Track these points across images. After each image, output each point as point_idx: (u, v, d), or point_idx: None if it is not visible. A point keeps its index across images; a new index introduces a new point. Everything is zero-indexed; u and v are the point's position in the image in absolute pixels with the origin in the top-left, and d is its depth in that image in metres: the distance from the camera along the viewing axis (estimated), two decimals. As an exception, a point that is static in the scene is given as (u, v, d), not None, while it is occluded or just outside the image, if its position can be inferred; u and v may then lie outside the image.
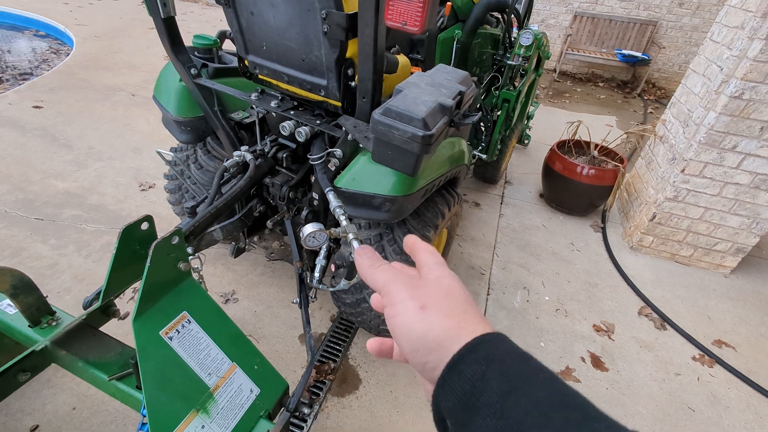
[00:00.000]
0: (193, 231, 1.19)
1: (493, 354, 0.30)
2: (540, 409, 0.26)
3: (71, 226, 2.24)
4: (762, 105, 2.02)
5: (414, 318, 0.34)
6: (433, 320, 0.33)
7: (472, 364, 0.30)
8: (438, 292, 0.36)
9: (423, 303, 0.34)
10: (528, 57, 2.34)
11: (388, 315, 0.36)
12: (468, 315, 0.34)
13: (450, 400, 0.30)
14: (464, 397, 0.29)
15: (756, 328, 2.19)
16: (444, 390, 0.31)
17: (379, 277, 0.38)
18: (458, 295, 0.36)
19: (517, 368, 0.29)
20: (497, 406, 0.27)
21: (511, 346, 0.31)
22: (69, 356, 1.13)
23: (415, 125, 0.90)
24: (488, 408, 0.28)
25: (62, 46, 5.30)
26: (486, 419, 0.28)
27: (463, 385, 0.30)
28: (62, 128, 3.15)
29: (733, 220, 2.36)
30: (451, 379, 0.31)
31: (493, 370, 0.29)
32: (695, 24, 5.84)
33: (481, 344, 0.31)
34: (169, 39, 1.40)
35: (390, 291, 0.37)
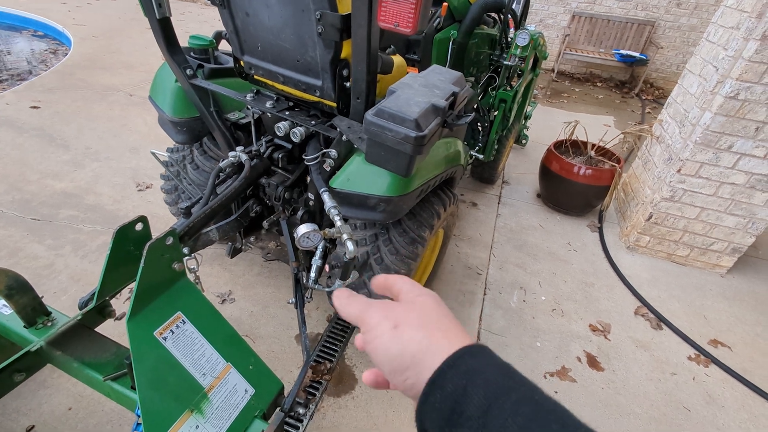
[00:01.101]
0: (188, 231, 1.19)
1: (474, 367, 0.30)
2: (520, 423, 0.27)
3: (68, 226, 2.24)
4: (757, 105, 2.03)
5: (389, 338, 0.34)
6: (406, 337, 0.33)
7: (453, 379, 0.30)
8: (411, 310, 0.36)
9: (396, 322, 0.34)
10: (524, 57, 2.34)
11: (366, 341, 0.36)
12: (444, 328, 0.34)
13: (433, 416, 0.30)
14: (447, 413, 0.29)
15: (752, 327, 2.19)
16: (426, 407, 0.31)
17: (353, 308, 0.39)
18: (432, 310, 0.36)
19: (499, 382, 0.29)
20: (479, 421, 0.28)
21: (491, 358, 0.31)
22: (64, 357, 1.13)
23: (408, 126, 0.90)
24: (470, 422, 0.28)
25: (60, 46, 5.30)
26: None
27: (444, 400, 0.30)
28: (59, 128, 3.15)
29: (729, 220, 2.37)
30: (433, 396, 0.31)
31: (474, 384, 0.29)
32: (693, 24, 5.85)
33: (461, 358, 0.31)
34: (165, 40, 1.40)
35: (364, 318, 0.37)
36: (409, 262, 1.43)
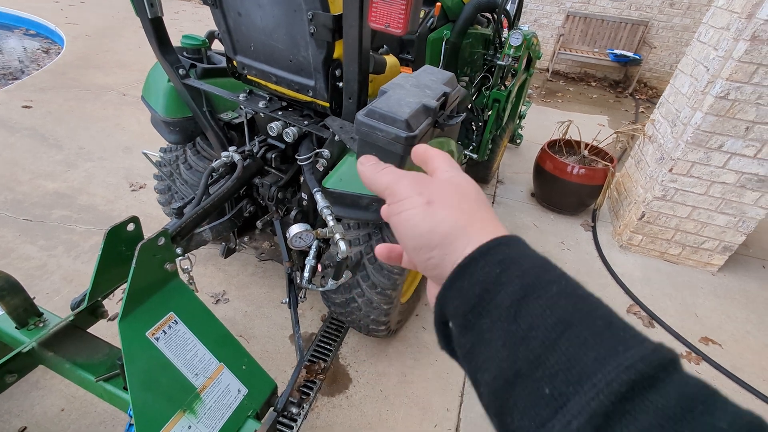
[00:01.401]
0: (181, 232, 1.19)
1: (510, 258, 0.27)
2: (559, 315, 0.24)
3: (60, 226, 2.23)
4: (747, 105, 2.05)
5: (420, 213, 0.31)
6: (440, 216, 0.30)
7: (484, 267, 0.27)
8: (448, 189, 0.32)
9: (430, 198, 0.31)
10: (518, 57, 2.36)
11: (392, 212, 0.33)
12: (481, 214, 0.31)
13: (456, 302, 0.28)
14: (473, 300, 0.27)
15: (742, 325, 2.22)
16: (451, 292, 0.28)
17: (382, 179, 0.35)
18: (470, 193, 0.33)
19: (536, 273, 0.26)
20: (510, 310, 0.25)
21: (529, 250, 0.28)
22: (56, 357, 1.13)
23: (399, 126, 0.90)
24: (500, 310, 0.25)
25: (53, 45, 5.26)
26: (496, 322, 0.25)
27: (473, 287, 0.27)
28: (52, 128, 3.12)
29: (720, 219, 2.40)
30: (460, 281, 0.28)
31: (508, 274, 0.26)
32: (686, 24, 5.90)
33: (497, 247, 0.28)
34: (157, 40, 1.40)
35: (394, 190, 0.33)
36: (403, 261, 1.43)
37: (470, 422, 1.60)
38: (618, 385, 0.20)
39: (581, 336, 0.23)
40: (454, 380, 1.75)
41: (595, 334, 0.23)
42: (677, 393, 0.20)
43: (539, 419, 0.22)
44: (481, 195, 0.33)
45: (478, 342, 0.26)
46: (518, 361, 0.24)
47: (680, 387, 0.20)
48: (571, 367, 0.22)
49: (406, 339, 1.90)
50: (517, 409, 0.23)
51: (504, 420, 0.24)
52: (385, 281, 1.43)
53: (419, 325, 1.98)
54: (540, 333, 0.23)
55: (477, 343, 0.26)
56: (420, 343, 1.89)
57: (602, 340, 0.22)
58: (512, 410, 0.24)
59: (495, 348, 0.25)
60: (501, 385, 0.24)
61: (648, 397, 0.20)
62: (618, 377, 0.20)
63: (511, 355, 0.24)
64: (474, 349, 0.27)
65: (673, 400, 0.20)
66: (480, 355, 0.26)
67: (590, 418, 0.20)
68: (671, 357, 0.22)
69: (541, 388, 0.22)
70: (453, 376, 1.77)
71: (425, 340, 1.90)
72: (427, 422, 1.58)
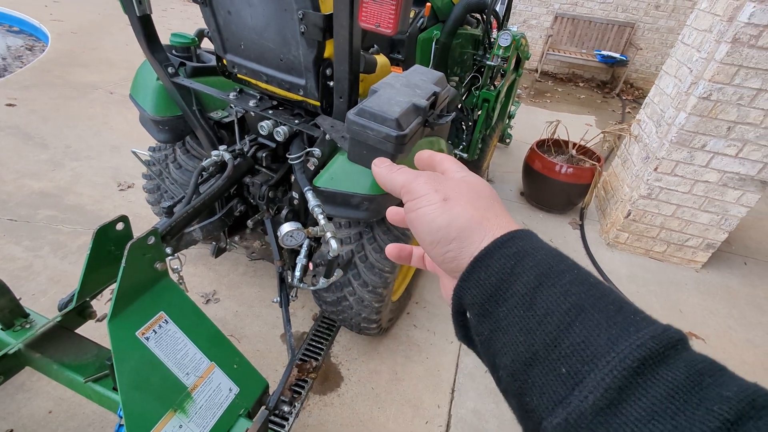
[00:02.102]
0: (170, 231, 1.19)
1: (524, 250, 0.29)
2: (573, 301, 0.25)
3: (47, 226, 2.19)
4: (728, 106, 2.10)
5: (437, 209, 0.32)
6: (457, 211, 0.32)
7: (500, 259, 0.29)
8: (462, 187, 0.34)
9: (446, 195, 0.33)
10: (507, 57, 2.38)
11: (409, 209, 0.35)
12: (494, 210, 0.33)
13: (474, 292, 0.29)
14: (491, 289, 0.28)
15: (724, 320, 2.28)
16: (468, 283, 0.30)
17: (398, 178, 0.37)
18: (484, 191, 0.35)
19: (550, 263, 0.28)
20: (527, 297, 0.27)
21: (542, 243, 0.30)
22: (44, 359, 1.12)
23: (389, 125, 0.91)
24: (516, 298, 0.27)
25: (37, 42, 5.15)
26: (513, 309, 0.27)
27: (489, 278, 0.28)
28: (37, 126, 3.07)
29: (703, 217, 2.45)
30: (477, 273, 0.29)
31: (523, 265, 0.28)
32: (671, 26, 6.01)
33: (511, 240, 0.29)
34: (145, 37, 1.38)
35: (411, 188, 0.35)
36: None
37: (461, 419, 1.62)
38: (630, 361, 0.22)
39: (594, 319, 0.24)
40: (445, 377, 1.77)
41: (607, 317, 0.24)
42: (686, 367, 0.21)
43: (557, 396, 0.23)
44: (493, 193, 0.35)
45: (496, 329, 0.28)
46: (535, 344, 0.25)
47: (689, 362, 0.22)
48: (586, 347, 0.23)
49: (398, 337, 1.91)
50: (536, 388, 0.25)
51: (523, 400, 0.26)
52: (376, 279, 1.44)
53: (410, 323, 1.99)
54: (555, 318, 0.25)
55: (495, 330, 0.28)
56: (411, 341, 1.90)
57: (614, 323, 0.24)
58: (531, 389, 0.25)
59: (512, 333, 0.26)
60: (519, 367, 0.26)
61: (658, 371, 0.21)
62: (630, 354, 0.22)
63: (528, 338, 0.26)
64: (492, 336, 0.28)
65: (682, 373, 0.21)
66: (498, 341, 0.28)
67: (605, 392, 0.22)
68: (680, 337, 0.23)
69: (558, 367, 0.24)
70: (444, 374, 1.78)
71: (416, 338, 1.92)
72: (418, 419, 1.60)
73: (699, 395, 0.20)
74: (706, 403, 0.20)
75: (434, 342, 1.91)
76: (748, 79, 2.02)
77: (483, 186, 0.35)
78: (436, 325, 2.00)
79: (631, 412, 0.21)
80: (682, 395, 0.21)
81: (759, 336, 2.20)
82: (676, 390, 0.21)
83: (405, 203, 0.36)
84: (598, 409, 0.22)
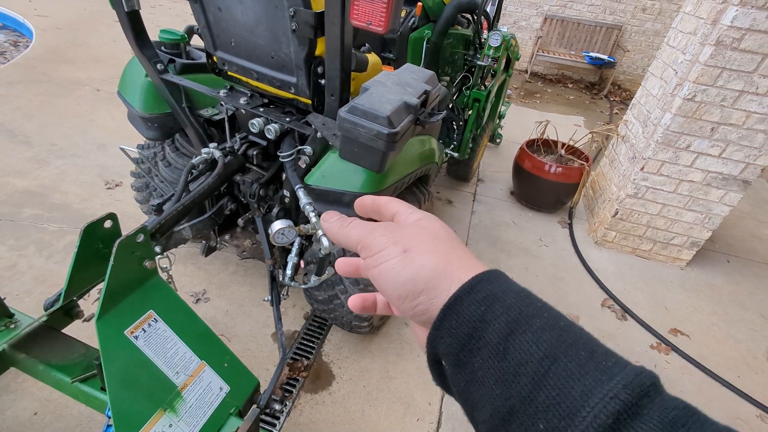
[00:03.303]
0: (160, 229, 1.18)
1: (493, 293, 0.28)
2: (545, 349, 0.25)
3: (32, 225, 2.15)
4: (712, 107, 2.15)
5: (399, 263, 0.31)
6: (420, 261, 0.31)
7: (470, 306, 0.28)
8: (420, 234, 0.33)
9: (406, 247, 0.32)
10: (497, 58, 2.40)
11: (369, 266, 0.33)
12: (457, 252, 0.32)
13: (447, 341, 0.29)
14: (463, 339, 0.28)
15: (708, 317, 2.33)
16: (441, 332, 0.29)
17: (353, 233, 0.35)
18: (441, 233, 0.34)
19: (520, 308, 0.27)
20: (499, 347, 0.26)
21: (510, 284, 0.29)
22: (29, 359, 1.10)
23: (380, 123, 0.92)
24: (489, 348, 0.27)
25: (21, 38, 5.05)
26: (487, 360, 0.27)
27: (461, 327, 0.28)
28: (21, 123, 3.01)
29: (688, 216, 2.51)
30: (448, 322, 0.29)
31: (493, 311, 0.27)
32: (657, 29, 6.12)
33: (479, 284, 0.29)
34: (134, 33, 1.37)
35: (368, 243, 0.33)
36: (385, 257, 1.45)
37: (452, 415, 1.64)
38: (605, 417, 0.22)
39: (567, 369, 0.24)
40: (436, 375, 1.78)
41: (579, 365, 0.24)
42: (660, 419, 0.22)
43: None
44: (451, 233, 0.34)
45: (472, 380, 0.27)
46: (512, 398, 0.25)
47: (662, 412, 0.22)
48: (561, 401, 0.24)
49: (389, 335, 1.92)
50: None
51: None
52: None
53: (401, 322, 2.00)
54: (529, 368, 0.25)
55: (471, 382, 0.28)
56: (402, 339, 1.91)
57: (587, 372, 0.24)
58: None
59: (488, 386, 0.26)
60: (498, 422, 0.26)
61: (633, 426, 0.22)
62: (604, 409, 0.22)
63: (504, 392, 0.25)
64: (468, 388, 0.28)
65: (657, 427, 0.22)
66: (474, 393, 0.27)
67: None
68: (652, 381, 0.24)
69: (536, 423, 0.24)
70: (435, 371, 1.79)
71: (407, 336, 1.93)
72: (409, 416, 1.61)
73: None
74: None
75: (425, 340, 1.92)
76: (731, 81, 2.07)
77: (440, 227, 0.34)
78: (427, 323, 2.01)
79: None
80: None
81: (741, 332, 2.25)
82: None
83: (364, 259, 0.34)
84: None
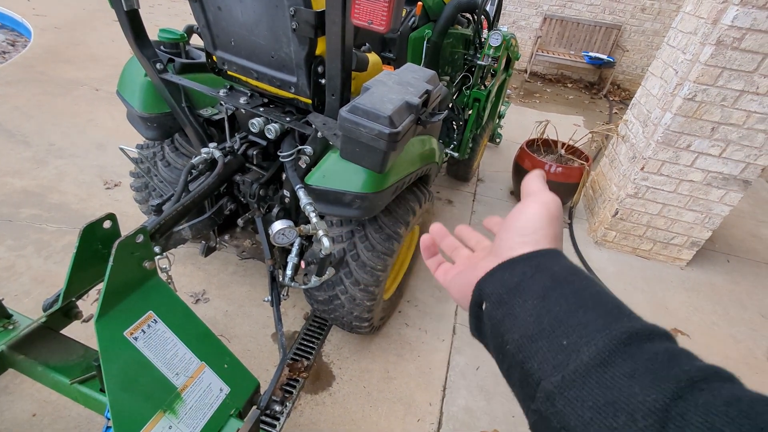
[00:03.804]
0: (159, 229, 1.17)
1: (545, 264, 0.33)
2: (579, 300, 0.30)
3: (30, 226, 2.14)
4: (712, 107, 2.15)
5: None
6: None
7: (523, 266, 0.34)
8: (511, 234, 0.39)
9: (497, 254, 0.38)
10: (497, 57, 2.40)
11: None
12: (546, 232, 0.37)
13: (495, 284, 0.34)
14: (510, 285, 0.33)
15: (708, 316, 2.33)
16: (492, 278, 0.35)
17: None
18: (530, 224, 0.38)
19: (563, 274, 0.32)
20: (541, 292, 0.31)
21: (563, 260, 0.34)
22: (28, 360, 1.09)
23: (382, 123, 0.91)
24: (531, 292, 0.32)
25: (19, 38, 5.03)
26: (527, 300, 0.32)
27: (511, 277, 0.34)
28: (19, 123, 2.99)
29: (688, 216, 2.50)
30: (500, 272, 0.35)
31: (541, 274, 0.33)
32: (656, 29, 6.12)
33: (535, 256, 0.34)
34: (133, 32, 1.36)
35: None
36: (386, 258, 1.44)
37: (452, 416, 1.63)
38: (621, 334, 0.27)
39: (596, 310, 0.29)
40: (437, 375, 1.78)
41: (606, 311, 0.29)
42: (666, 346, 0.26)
43: (557, 361, 0.28)
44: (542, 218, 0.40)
45: (509, 313, 0.32)
46: (543, 323, 0.30)
47: (669, 345, 0.27)
48: (586, 326, 0.28)
49: (389, 336, 1.91)
50: (539, 356, 0.29)
51: (525, 366, 0.30)
52: (367, 278, 1.44)
53: (402, 322, 1.99)
54: (563, 307, 0.30)
55: (507, 315, 0.32)
56: (403, 340, 1.90)
57: (612, 314, 0.29)
58: (534, 357, 0.30)
59: (523, 317, 0.31)
60: (526, 341, 0.30)
61: (644, 345, 0.26)
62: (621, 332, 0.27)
63: (537, 320, 0.30)
64: (504, 319, 0.33)
65: (662, 348, 0.26)
66: (509, 322, 0.32)
67: (597, 354, 0.27)
68: (665, 331, 0.28)
69: (560, 341, 0.29)
70: (435, 372, 1.79)
71: (408, 337, 1.92)
72: (410, 417, 1.60)
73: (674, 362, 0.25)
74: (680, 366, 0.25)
75: (426, 340, 1.92)
76: (732, 81, 2.07)
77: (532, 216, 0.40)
78: (428, 323, 2.00)
79: (617, 369, 0.26)
80: (661, 361, 0.25)
81: (741, 332, 2.25)
82: (656, 357, 0.25)
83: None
84: (590, 367, 0.26)
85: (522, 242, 0.36)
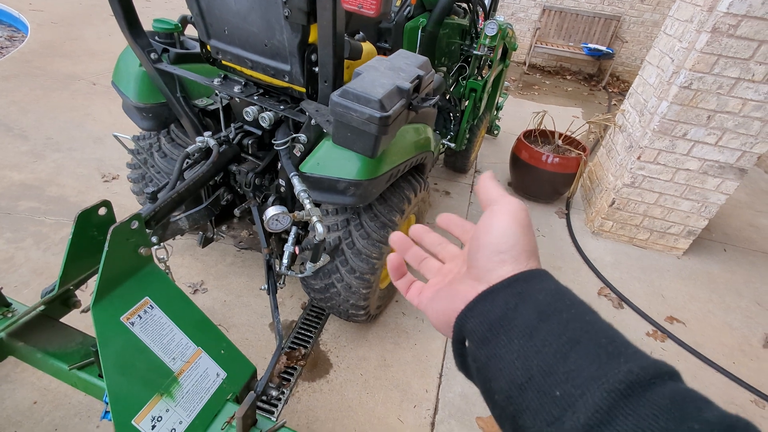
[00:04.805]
0: (154, 216, 1.18)
1: (528, 291, 0.30)
2: (570, 335, 0.27)
3: (29, 218, 2.15)
4: (708, 95, 2.14)
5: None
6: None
7: (505, 296, 0.31)
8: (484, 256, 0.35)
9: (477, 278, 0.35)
10: (493, 47, 2.39)
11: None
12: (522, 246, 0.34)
13: (477, 321, 0.31)
14: (493, 320, 0.30)
15: (704, 304, 2.34)
16: (472, 313, 0.32)
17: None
18: (504, 240, 0.34)
19: (549, 303, 0.29)
20: (527, 330, 0.28)
21: (547, 284, 0.31)
22: (27, 348, 1.10)
23: (372, 107, 0.92)
24: (517, 331, 0.29)
25: (16, 33, 5.01)
26: (513, 340, 0.29)
27: (493, 311, 0.30)
28: (17, 118, 3.00)
29: (684, 205, 2.51)
30: (481, 305, 0.31)
31: (526, 305, 0.30)
32: (655, 20, 6.08)
33: (516, 282, 0.31)
34: (127, 22, 1.36)
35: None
36: (381, 246, 1.45)
37: (448, 402, 1.65)
38: (619, 384, 0.24)
39: (589, 350, 0.26)
40: (433, 362, 1.79)
41: (600, 348, 0.26)
42: (671, 393, 0.23)
43: (550, 417, 0.25)
44: (515, 232, 0.38)
45: (494, 355, 0.29)
46: (532, 369, 0.27)
47: (674, 390, 0.24)
48: (579, 374, 0.25)
49: (386, 324, 1.93)
50: (531, 410, 0.27)
51: (516, 422, 0.28)
52: (363, 266, 1.45)
53: (399, 311, 2.01)
54: (552, 348, 0.27)
55: (492, 357, 0.30)
56: (399, 328, 1.92)
57: (607, 353, 0.26)
58: (525, 411, 0.27)
59: (509, 360, 0.28)
60: (515, 390, 0.28)
61: (645, 395, 0.23)
62: (619, 380, 0.24)
63: (525, 364, 0.27)
64: (489, 362, 0.30)
65: (667, 398, 0.23)
66: (494, 366, 0.29)
67: (595, 413, 0.23)
68: (668, 369, 0.25)
69: (552, 391, 0.26)
70: (432, 359, 1.81)
71: (404, 325, 1.94)
72: (406, 403, 1.62)
73: (682, 416, 0.22)
74: (688, 423, 0.22)
75: (422, 329, 1.93)
76: (727, 69, 2.06)
77: (507, 230, 0.37)
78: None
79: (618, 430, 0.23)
80: (666, 416, 0.22)
81: (737, 319, 2.26)
82: (660, 411, 0.22)
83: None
84: (588, 428, 0.23)
85: (500, 261, 0.33)
